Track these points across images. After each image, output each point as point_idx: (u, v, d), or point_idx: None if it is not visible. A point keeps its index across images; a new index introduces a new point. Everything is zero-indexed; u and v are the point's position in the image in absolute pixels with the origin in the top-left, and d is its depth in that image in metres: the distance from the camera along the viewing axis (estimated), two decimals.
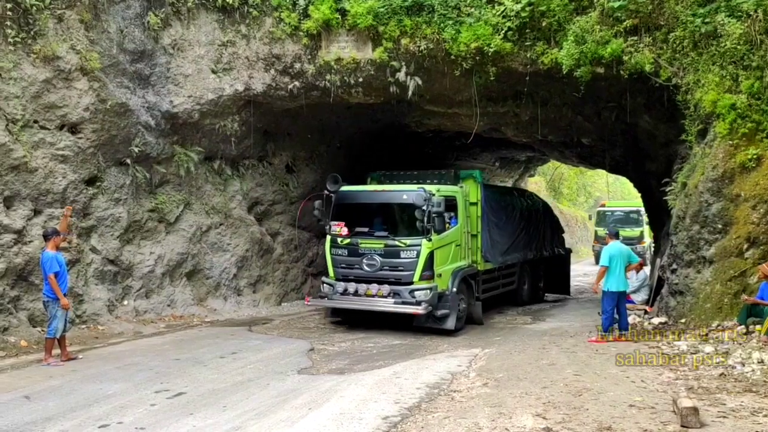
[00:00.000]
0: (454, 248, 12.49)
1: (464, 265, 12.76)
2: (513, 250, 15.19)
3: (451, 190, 12.70)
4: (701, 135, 10.55)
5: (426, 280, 11.61)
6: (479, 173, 13.79)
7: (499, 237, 14.40)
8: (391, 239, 11.87)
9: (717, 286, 9.81)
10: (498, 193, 15.43)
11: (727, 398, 6.67)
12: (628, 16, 10.78)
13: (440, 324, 11.75)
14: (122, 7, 11.98)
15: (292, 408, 7.02)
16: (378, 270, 11.85)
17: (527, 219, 16.37)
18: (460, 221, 12.78)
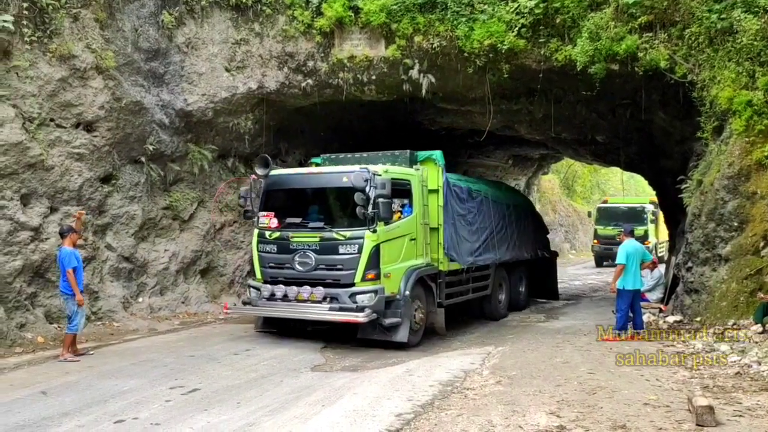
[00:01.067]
0: (408, 243, 10.48)
1: (421, 264, 10.74)
2: (486, 250, 13.08)
3: (403, 172, 10.71)
4: (717, 132, 10.46)
5: (370, 282, 9.80)
6: (440, 154, 11.48)
7: (468, 233, 12.42)
8: (328, 231, 10.01)
9: (733, 284, 9.73)
10: (467, 182, 13.10)
11: (743, 397, 6.62)
12: (643, 12, 10.69)
13: (389, 335, 9.94)
14: (137, 5, 12.07)
15: (305, 405, 7.04)
16: (313, 269, 9.99)
17: (505, 215, 14.42)
18: (416, 210, 10.73)
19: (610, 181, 45.02)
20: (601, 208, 30.13)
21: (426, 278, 10.89)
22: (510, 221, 14.54)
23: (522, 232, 15.26)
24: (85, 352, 9.55)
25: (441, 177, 11.34)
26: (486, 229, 13.22)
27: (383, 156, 11.17)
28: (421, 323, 10.64)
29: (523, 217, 15.76)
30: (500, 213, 14.10)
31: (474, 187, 13.15)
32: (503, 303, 14.22)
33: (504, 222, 14.20)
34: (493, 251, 13.38)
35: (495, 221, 13.66)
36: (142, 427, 6.32)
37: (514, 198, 15.99)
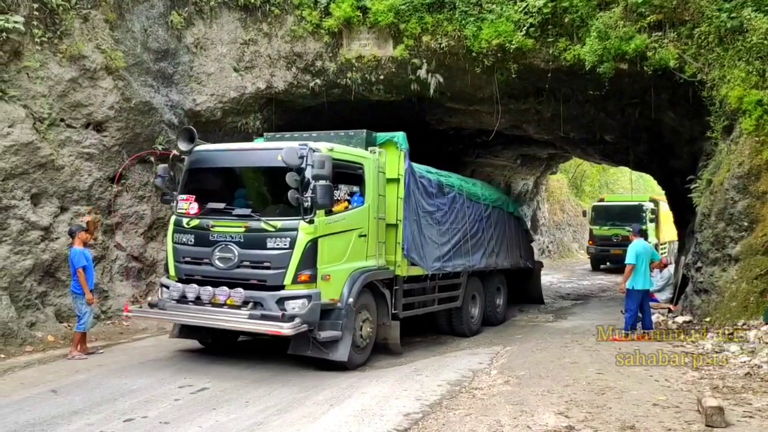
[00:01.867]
0: (356, 240, 8.91)
1: (372, 267, 9.17)
2: (458, 255, 11.58)
3: (353, 153, 9.20)
4: (727, 131, 10.41)
5: (304, 284, 8.10)
6: (403, 137, 9.97)
7: (436, 234, 10.94)
8: (255, 220, 8.34)
9: (743, 284, 9.67)
10: (438, 175, 11.43)
11: (753, 398, 6.59)
12: (652, 11, 10.65)
13: (325, 353, 8.28)
14: (146, 6, 12.13)
15: (313, 404, 7.06)
16: (235, 266, 8.29)
17: (483, 217, 12.96)
18: (369, 201, 9.19)
19: (618, 180, 44.87)
20: (597, 206, 28.41)
21: (378, 284, 9.33)
22: (488, 224, 13.15)
23: (502, 238, 13.82)
24: (95, 351, 9.61)
25: (403, 164, 9.85)
26: (458, 231, 11.71)
27: (336, 136, 9.79)
28: (369, 338, 9.11)
29: (505, 221, 14.28)
30: (477, 214, 12.65)
31: (446, 181, 11.63)
32: (476, 317, 12.57)
33: (481, 225, 12.79)
34: (465, 257, 11.86)
35: (470, 223, 12.20)
36: (151, 426, 6.35)
37: (495, 198, 14.15)
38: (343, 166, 8.69)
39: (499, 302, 13.85)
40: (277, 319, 7.90)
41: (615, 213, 26.39)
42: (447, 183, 11.60)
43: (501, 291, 13.96)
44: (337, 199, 8.68)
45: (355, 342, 8.77)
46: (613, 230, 25.70)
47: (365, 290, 8.97)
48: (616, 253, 24.22)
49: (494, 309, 13.50)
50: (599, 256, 27.03)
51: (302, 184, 8.04)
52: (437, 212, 11.07)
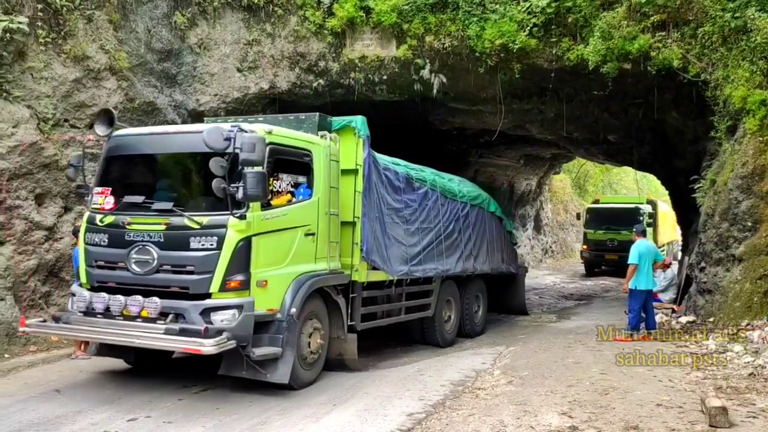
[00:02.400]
0: (302, 240, 7.71)
1: (322, 271, 7.98)
2: (429, 258, 10.43)
3: (299, 137, 7.91)
4: (730, 131, 10.40)
5: (234, 292, 6.92)
6: (362, 122, 8.85)
7: (404, 234, 9.85)
8: (177, 215, 7.03)
9: (746, 284, 9.66)
10: (406, 167, 10.37)
11: (757, 398, 6.57)
12: (655, 11, 10.64)
13: (263, 373, 7.07)
14: (150, 7, 12.15)
15: (316, 404, 7.07)
16: (154, 271, 7.03)
17: (460, 216, 11.75)
18: (318, 194, 7.97)
19: (622, 180, 44.81)
20: (592, 209, 26.78)
21: (330, 291, 8.18)
22: (466, 224, 11.92)
23: (481, 240, 12.55)
24: None
25: (362, 153, 8.71)
26: (430, 231, 10.58)
27: (285, 119, 8.57)
28: (318, 353, 7.92)
29: (485, 221, 12.99)
30: (453, 212, 11.49)
31: (416, 174, 10.52)
32: (451, 327, 11.45)
33: (458, 224, 11.59)
34: (439, 260, 10.69)
35: (445, 222, 11.07)
36: (155, 425, 6.36)
37: (475, 196, 12.82)
38: (285, 152, 7.54)
39: (477, 311, 12.59)
40: (197, 334, 6.59)
41: (610, 216, 24.94)
42: (417, 177, 10.47)
43: (480, 299, 12.73)
44: (278, 191, 7.48)
45: (302, 357, 7.61)
46: (608, 234, 24.30)
47: (315, 298, 7.83)
48: (611, 258, 23.54)
49: (472, 319, 12.20)
50: (594, 262, 25.67)
51: (231, 172, 6.74)
52: (405, 209, 9.92)
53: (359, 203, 8.67)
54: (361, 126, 8.85)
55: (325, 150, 8.21)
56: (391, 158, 10.03)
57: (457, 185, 12.17)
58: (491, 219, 13.40)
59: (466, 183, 13.24)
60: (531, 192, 29.12)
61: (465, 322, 11.92)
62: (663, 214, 26.99)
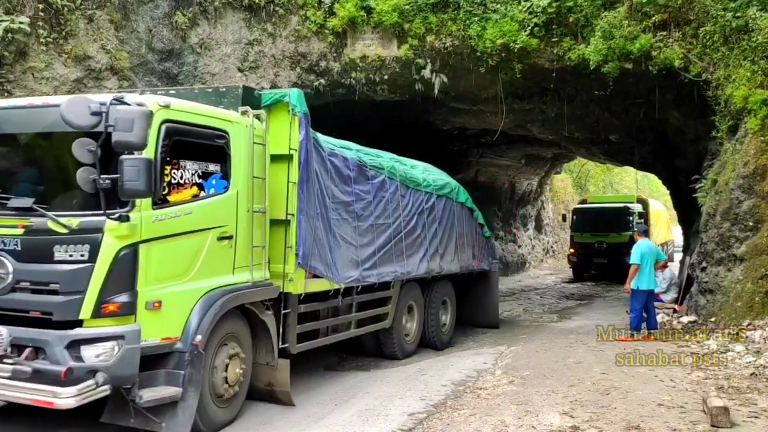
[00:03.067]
0: (214, 244, 6.07)
1: (243, 283, 6.37)
2: (387, 260, 8.98)
3: (209, 114, 6.22)
4: (732, 131, 10.39)
5: (113, 318, 5.30)
6: (298, 96, 7.16)
7: (354, 233, 8.33)
8: (39, 215, 5.38)
9: (748, 284, 9.65)
10: (358, 152, 8.84)
11: (759, 398, 6.57)
12: (656, 10, 10.64)
13: (156, 421, 5.45)
14: (151, 7, 12.16)
15: (318, 404, 7.07)
16: (9, 290, 5.40)
17: (424, 209, 10.21)
18: (238, 185, 6.36)
19: (623, 180, 44.79)
20: (578, 210, 24.77)
21: (255, 308, 6.50)
22: (432, 218, 10.45)
23: (449, 235, 11.02)
24: None
25: (298, 134, 7.04)
26: (388, 227, 9.10)
27: (202, 93, 6.94)
28: (238, 386, 6.39)
29: (454, 214, 11.36)
30: (416, 205, 9.98)
31: (371, 161, 8.97)
32: (413, 337, 10.14)
33: (421, 218, 10.10)
34: (398, 262, 9.29)
35: (406, 216, 9.62)
36: None
37: (442, 185, 11.12)
38: (189, 133, 5.87)
39: (444, 319, 11.09)
40: (55, 378, 4.97)
41: (597, 217, 23.10)
42: (372, 164, 8.95)
43: (448, 305, 11.26)
44: (178, 183, 5.78)
45: (216, 393, 6.09)
46: (596, 237, 22.52)
47: (234, 318, 6.27)
48: (600, 262, 22.54)
49: (438, 327, 10.69)
50: (581, 267, 23.84)
51: (107, 158, 5.14)
52: (357, 203, 8.40)
53: (294, 197, 6.97)
54: (297, 101, 7.12)
55: (247, 131, 6.52)
56: (339, 141, 8.57)
57: (421, 173, 10.62)
58: (461, 211, 11.70)
59: (432, 170, 11.50)
60: (532, 192, 29.11)
61: (430, 330, 10.49)
62: (655, 213, 26.18)
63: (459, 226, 11.47)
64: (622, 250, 19.78)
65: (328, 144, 8.06)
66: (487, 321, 12.55)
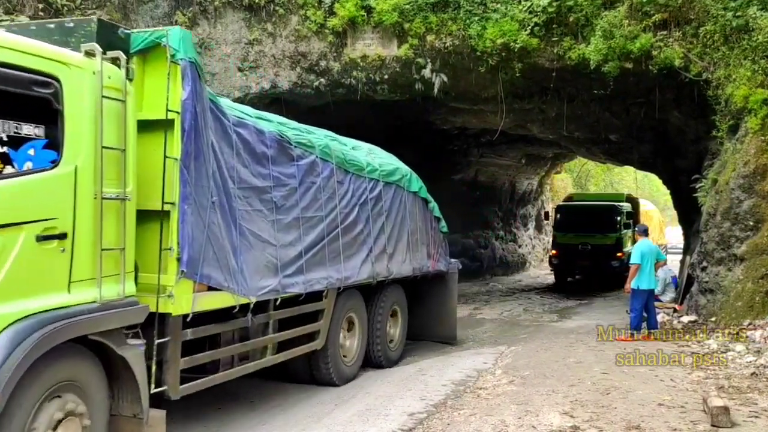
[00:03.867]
0: (33, 248, 4.01)
1: (84, 304, 4.31)
2: (318, 263, 7.15)
3: (26, 49, 4.08)
4: (732, 131, 10.39)
5: None
6: (181, 36, 5.12)
7: (273, 228, 6.47)
8: None
9: (748, 284, 9.65)
10: (279, 125, 7.03)
11: (759, 398, 6.57)
12: (657, 10, 10.64)
13: None
14: (150, 6, 12.17)
15: (318, 404, 7.07)
16: None
17: (367, 200, 8.34)
18: (77, 159, 4.34)
19: (623, 180, 44.79)
20: (562, 207, 22.70)
21: (107, 340, 4.47)
22: (377, 210, 8.62)
23: (399, 231, 9.21)
24: None
25: (181, 90, 5.08)
26: (320, 221, 7.22)
27: (41, 29, 4.83)
28: None
29: (405, 206, 9.50)
30: (357, 194, 8.14)
31: (296, 137, 7.06)
32: (353, 357, 8.32)
33: (364, 211, 8.27)
34: (333, 265, 7.42)
35: (344, 208, 7.77)
36: None
37: (390, 171, 9.24)
38: None
39: (393, 333, 9.41)
40: None
41: (582, 216, 20.95)
42: (299, 141, 7.06)
43: (398, 315, 9.57)
44: None
45: None
46: (580, 238, 20.40)
47: (70, 355, 4.26)
48: (583, 264, 20.38)
49: (385, 342, 8.98)
50: (564, 270, 21.47)
51: None
52: (276, 190, 6.51)
53: (175, 179, 5.02)
54: (180, 43, 5.07)
55: (93, 80, 4.43)
56: (254, 111, 6.87)
57: (364, 155, 8.88)
58: (414, 202, 9.82)
59: (380, 153, 9.78)
60: (532, 191, 29.11)
61: (375, 347, 8.77)
62: (646, 214, 25.11)
63: (412, 220, 9.60)
64: (608, 253, 19.61)
65: (235, 111, 6.21)
66: (444, 333, 10.70)
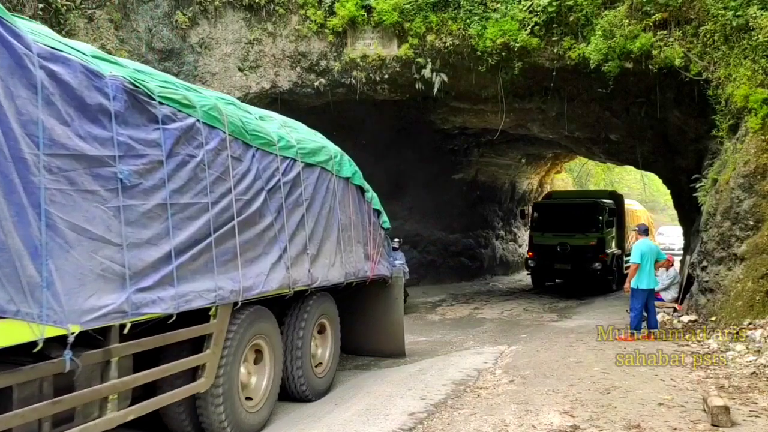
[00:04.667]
0: None
1: None
2: (200, 271, 5.22)
3: None
4: (732, 130, 10.38)
5: None
6: None
7: (112, 220, 4.41)
8: None
9: (748, 283, 9.64)
10: (132, 71, 5.00)
11: (759, 397, 6.57)
12: (657, 9, 10.64)
13: None
14: (151, 6, 12.17)
15: (318, 403, 7.08)
16: None
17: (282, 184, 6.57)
18: None
19: (623, 180, 44.77)
20: (540, 205, 21.13)
21: None
22: (293, 199, 6.79)
23: (326, 226, 7.37)
24: None
25: None
26: (202, 211, 5.36)
27: None
28: None
29: (334, 195, 7.65)
30: (263, 176, 6.30)
31: (162, 89, 5.13)
32: (261, 400, 6.27)
33: (274, 199, 6.44)
34: (227, 272, 5.57)
35: (242, 194, 5.91)
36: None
37: (312, 149, 7.34)
38: None
39: (322, 354, 7.69)
40: None
41: (561, 214, 19.46)
42: (165, 96, 5.11)
43: (327, 332, 7.82)
44: None
45: None
46: (558, 238, 18.91)
47: None
48: (562, 267, 18.91)
49: (309, 369, 7.16)
50: (542, 272, 19.82)
51: None
52: (124, 162, 4.59)
53: None
54: None
55: None
56: (87, 46, 4.86)
57: (277, 127, 6.90)
58: (346, 190, 7.95)
59: (300, 127, 7.80)
60: (533, 191, 29.10)
61: (294, 376, 6.97)
62: (633, 214, 23.31)
63: (343, 213, 7.75)
64: (590, 255, 18.12)
65: (46, 40, 4.18)
66: (390, 348, 9.19)
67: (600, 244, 18.55)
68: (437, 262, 21.73)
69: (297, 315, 7.09)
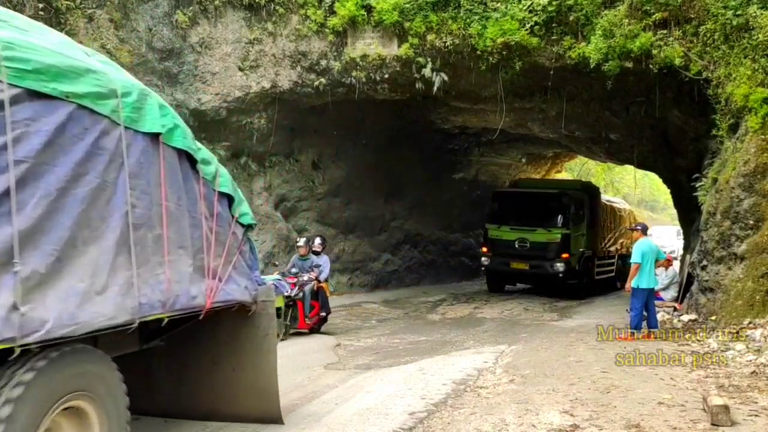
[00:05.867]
0: None
1: None
2: None
3: None
4: (732, 129, 10.38)
5: None
6: None
7: None
8: None
9: (748, 282, 9.64)
10: None
11: (759, 396, 6.57)
12: (657, 9, 10.64)
13: None
14: (151, 6, 12.17)
15: (319, 403, 7.06)
16: None
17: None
18: None
19: (624, 179, 44.74)
20: (499, 194, 18.37)
21: None
22: (28, 171, 3.32)
23: (81, 221, 3.66)
24: None
25: None
26: None
27: None
28: None
29: (116, 163, 4.00)
30: None
31: None
32: None
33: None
34: None
35: None
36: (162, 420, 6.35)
37: (45, 69, 3.49)
38: None
39: None
40: None
41: (521, 205, 16.95)
42: None
43: (89, 414, 3.85)
44: None
45: None
46: (516, 233, 16.50)
47: None
48: (520, 267, 16.46)
49: None
50: (499, 272, 17.24)
51: None
52: None
53: None
54: None
55: None
56: None
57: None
58: (151, 156, 4.43)
59: (22, 23, 3.92)
60: None
61: None
62: (613, 211, 20.86)
63: (142, 195, 4.29)
64: (551, 253, 15.95)
65: None
66: (256, 409, 5.88)
67: (564, 241, 16.09)
68: (437, 262, 21.75)
69: None
